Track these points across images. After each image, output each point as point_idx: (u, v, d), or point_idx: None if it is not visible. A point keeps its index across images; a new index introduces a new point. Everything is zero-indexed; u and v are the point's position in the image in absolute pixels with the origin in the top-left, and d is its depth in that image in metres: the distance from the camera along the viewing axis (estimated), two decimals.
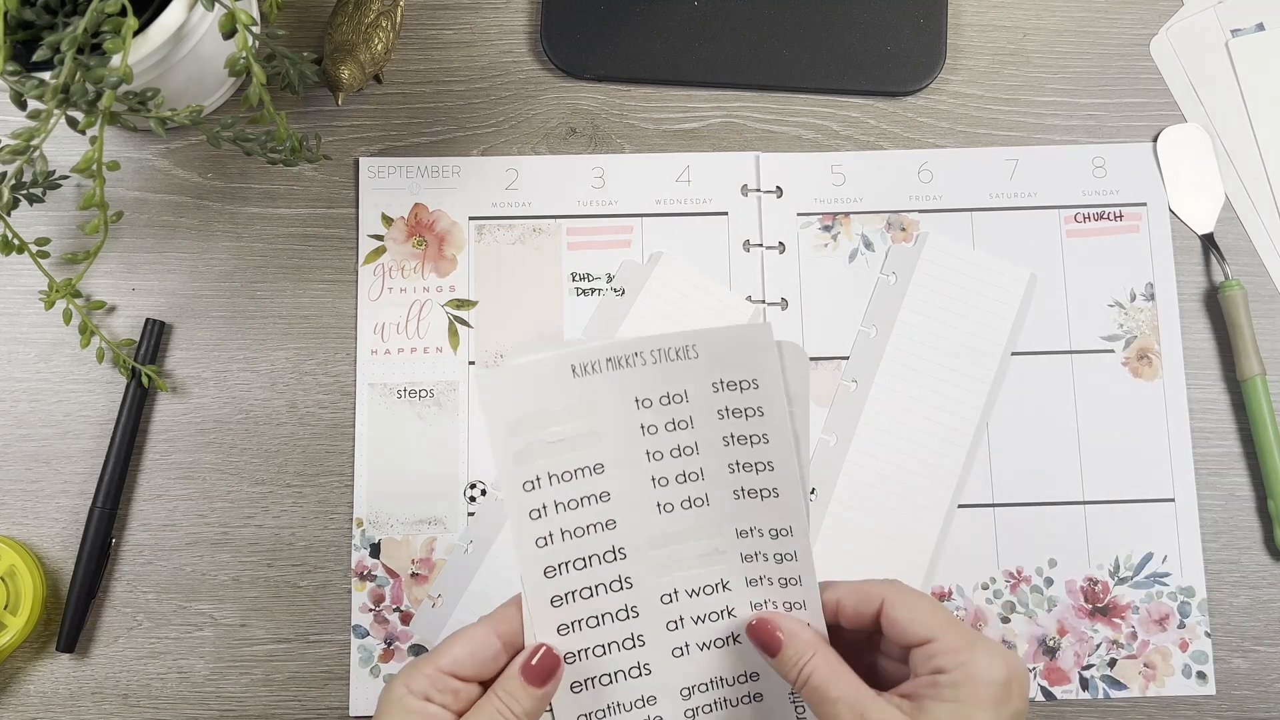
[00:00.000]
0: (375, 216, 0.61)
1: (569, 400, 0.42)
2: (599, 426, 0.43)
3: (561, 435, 0.43)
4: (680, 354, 0.42)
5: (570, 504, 0.43)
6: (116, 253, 0.61)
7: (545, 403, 0.42)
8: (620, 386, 0.43)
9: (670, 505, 0.44)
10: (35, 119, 0.48)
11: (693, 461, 0.44)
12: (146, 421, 0.59)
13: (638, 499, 0.44)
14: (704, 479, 0.44)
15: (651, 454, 0.43)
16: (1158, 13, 0.64)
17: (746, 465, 0.43)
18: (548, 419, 0.43)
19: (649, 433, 0.43)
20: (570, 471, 0.43)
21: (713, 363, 0.42)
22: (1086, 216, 0.62)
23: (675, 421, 0.43)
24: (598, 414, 0.43)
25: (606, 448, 0.43)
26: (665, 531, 0.44)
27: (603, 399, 0.43)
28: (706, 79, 0.63)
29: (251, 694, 0.58)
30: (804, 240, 0.62)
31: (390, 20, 0.61)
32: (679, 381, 0.43)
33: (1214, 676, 0.58)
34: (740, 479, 0.44)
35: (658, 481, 0.44)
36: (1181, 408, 0.60)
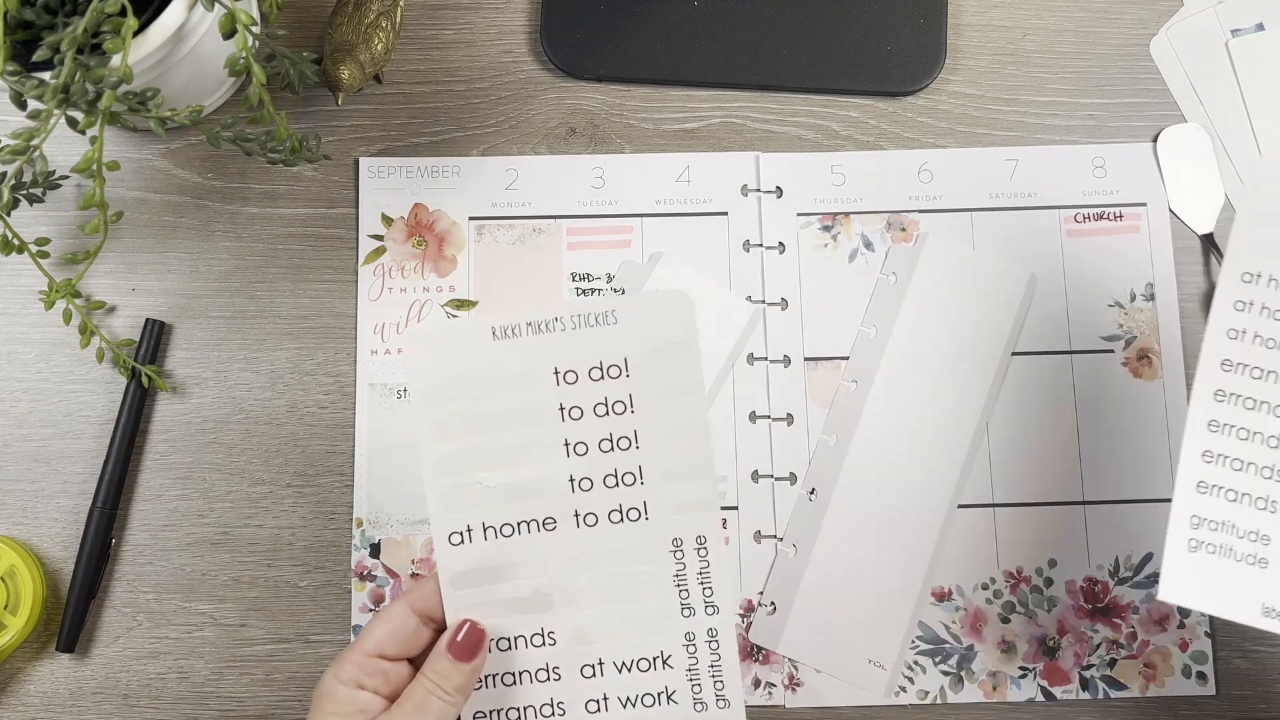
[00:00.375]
0: (375, 216, 0.61)
1: (489, 367, 0.43)
2: (518, 400, 0.43)
3: (481, 409, 0.43)
4: (600, 320, 0.43)
5: (488, 489, 0.43)
6: (116, 253, 0.61)
7: (466, 368, 0.43)
8: (542, 355, 0.43)
9: (593, 518, 0.44)
10: (35, 119, 0.48)
11: (620, 459, 0.44)
12: (146, 421, 0.59)
13: (558, 491, 0.44)
14: (632, 483, 0.44)
15: (572, 446, 0.43)
16: (1158, 13, 0.64)
17: (668, 434, 0.44)
18: (467, 386, 0.43)
19: (572, 416, 0.43)
20: (496, 456, 0.43)
21: (635, 330, 0.43)
22: (1086, 216, 0.62)
23: (605, 402, 0.43)
24: (518, 383, 0.43)
25: (526, 426, 0.43)
26: (585, 550, 0.44)
27: (524, 365, 0.43)
28: (706, 79, 0.63)
29: (251, 694, 0.58)
30: (804, 240, 0.62)
31: (390, 20, 0.61)
32: (605, 350, 0.43)
33: (1214, 676, 0.58)
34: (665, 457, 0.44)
35: (579, 483, 0.44)
36: (1181, 408, 0.60)
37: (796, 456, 0.59)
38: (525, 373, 0.43)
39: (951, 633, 0.58)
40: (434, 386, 0.43)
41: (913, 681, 0.58)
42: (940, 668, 0.58)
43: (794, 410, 0.60)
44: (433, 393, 0.43)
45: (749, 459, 0.59)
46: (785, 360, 0.60)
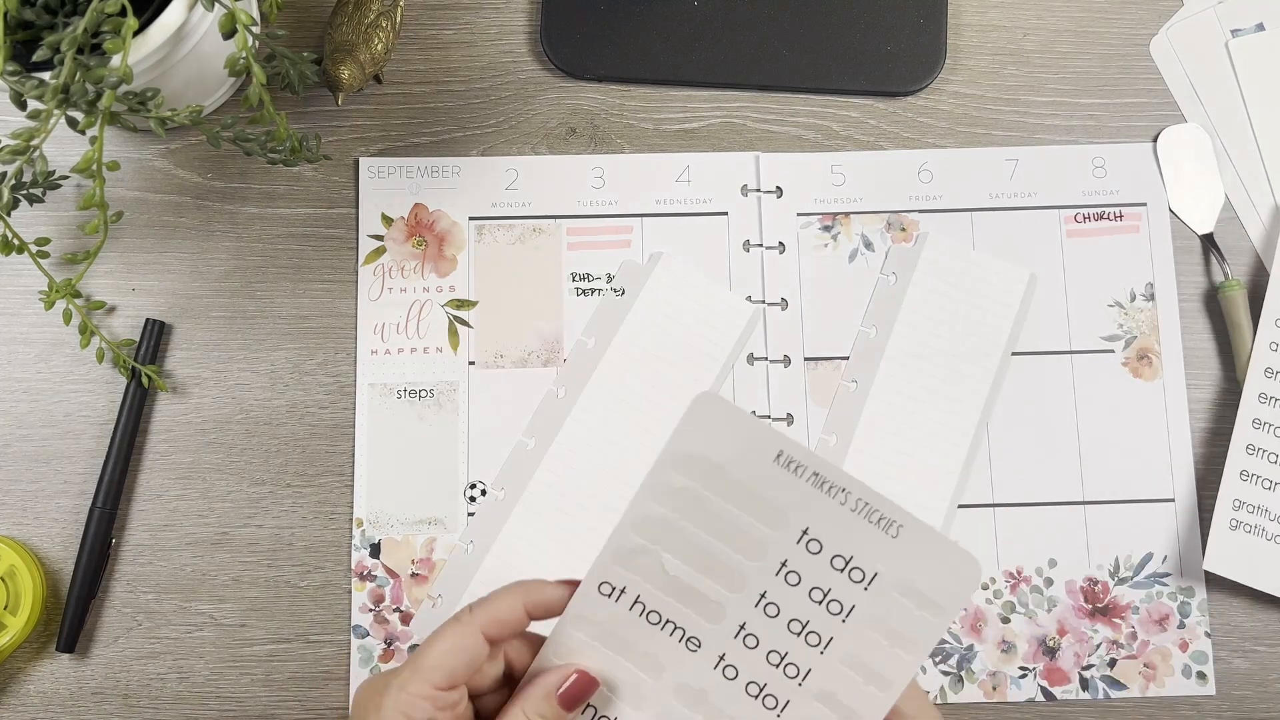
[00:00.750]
0: (375, 216, 0.61)
1: (751, 480, 0.38)
2: (753, 526, 0.38)
3: (713, 507, 0.38)
4: (883, 524, 0.37)
5: (665, 573, 0.39)
6: (116, 253, 0.61)
7: (731, 462, 0.38)
8: (801, 508, 0.38)
9: (734, 671, 0.40)
10: (35, 119, 0.48)
11: (797, 648, 0.39)
12: (146, 421, 0.59)
13: (722, 626, 0.39)
14: (793, 676, 0.39)
15: (767, 604, 0.39)
16: (1158, 13, 0.64)
17: (857, 674, 0.39)
18: (719, 479, 0.38)
19: (788, 580, 0.39)
20: (694, 555, 0.39)
21: (909, 556, 0.38)
22: (1086, 216, 0.62)
23: (825, 591, 0.39)
24: (764, 512, 0.38)
25: (740, 551, 0.39)
26: (702, 692, 0.40)
27: (782, 502, 0.38)
28: (706, 79, 0.63)
29: (251, 694, 0.58)
30: (804, 240, 0.62)
31: (390, 20, 0.61)
32: (863, 551, 0.38)
33: (1214, 676, 0.58)
34: (839, 684, 0.39)
35: (745, 637, 0.39)
36: (1181, 408, 0.60)
37: None
38: (777, 510, 0.38)
39: (951, 633, 0.58)
40: (691, 457, 0.38)
41: None
42: (940, 668, 0.58)
43: (794, 410, 0.60)
44: (686, 462, 0.38)
45: None
46: (785, 360, 0.60)
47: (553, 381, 0.60)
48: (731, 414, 0.38)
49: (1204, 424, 0.60)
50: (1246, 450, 0.58)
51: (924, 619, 0.38)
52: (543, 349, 0.60)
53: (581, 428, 0.59)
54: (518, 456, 0.59)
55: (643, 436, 0.59)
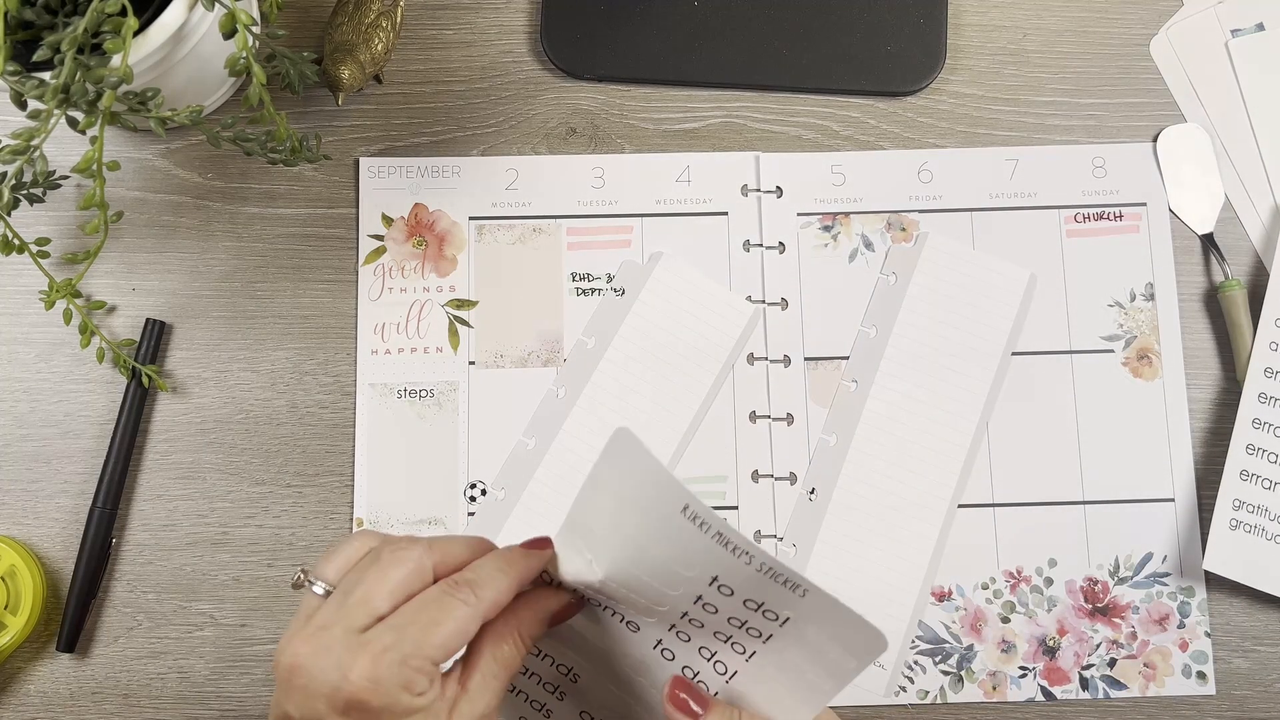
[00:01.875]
0: (375, 216, 0.61)
1: (661, 525, 0.37)
2: (666, 565, 0.38)
3: (633, 535, 0.38)
4: (788, 585, 0.37)
5: (599, 593, 0.40)
6: (116, 253, 0.61)
7: (642, 504, 0.38)
8: (709, 559, 0.38)
9: (671, 655, 0.42)
10: (35, 119, 0.48)
11: (725, 652, 0.41)
12: (146, 421, 0.59)
13: (655, 621, 0.41)
14: (725, 675, 0.41)
15: (691, 619, 0.40)
16: (1158, 13, 0.64)
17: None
18: (633, 514, 0.38)
19: (705, 609, 0.39)
20: (622, 572, 0.39)
21: (816, 614, 0.38)
22: (1086, 216, 0.62)
23: (742, 621, 0.39)
24: (678, 555, 0.38)
25: (658, 578, 0.39)
26: (644, 662, 0.42)
27: (691, 552, 0.37)
28: (706, 79, 0.63)
29: (252, 694, 0.58)
30: (804, 240, 0.62)
31: (390, 20, 0.61)
32: (774, 600, 0.38)
33: (1214, 676, 0.58)
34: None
35: (678, 633, 0.41)
36: (1181, 408, 0.60)
37: (796, 456, 0.59)
38: (686, 556, 0.38)
39: (951, 632, 0.58)
40: (607, 483, 0.38)
41: (913, 681, 0.58)
42: (940, 667, 0.58)
43: (794, 410, 0.60)
44: (607, 492, 0.38)
45: (749, 459, 0.59)
46: (785, 360, 0.60)
47: (553, 381, 0.60)
48: (644, 460, 0.37)
49: (1204, 424, 0.60)
50: (1246, 450, 0.58)
51: (838, 661, 0.39)
52: (543, 349, 0.60)
53: (581, 428, 0.59)
54: (518, 456, 0.59)
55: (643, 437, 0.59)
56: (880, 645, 0.38)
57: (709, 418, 0.60)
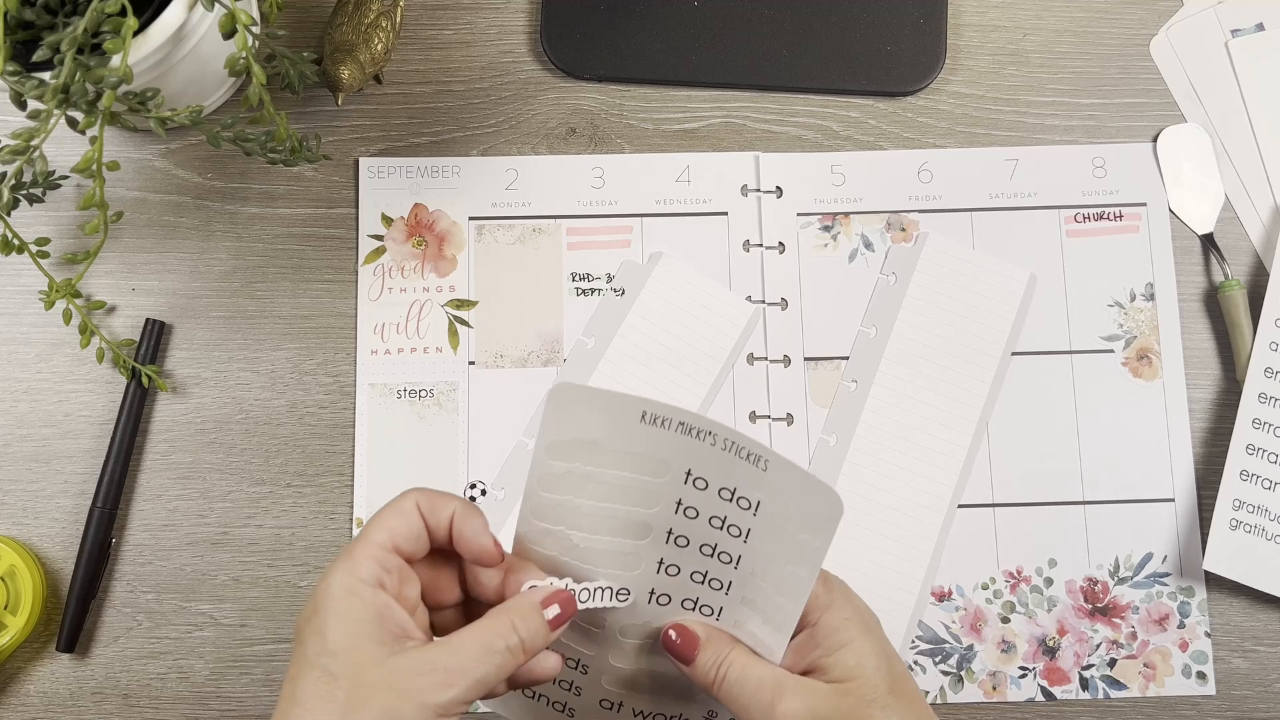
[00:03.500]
0: (375, 216, 0.61)
1: (626, 445, 0.39)
2: (640, 481, 0.40)
3: (600, 477, 0.40)
4: (751, 458, 0.39)
5: (575, 546, 0.41)
6: (116, 253, 0.61)
7: (602, 436, 0.39)
8: (679, 454, 0.39)
9: (666, 599, 0.42)
10: (35, 119, 0.48)
11: (714, 565, 0.41)
12: (146, 421, 0.59)
13: (640, 573, 0.42)
14: (718, 589, 0.42)
15: (675, 537, 0.41)
16: (1158, 13, 0.64)
17: (754, 599, 0.42)
18: (597, 454, 0.40)
19: (687, 515, 0.40)
20: (597, 523, 0.41)
21: (779, 488, 0.39)
22: (1086, 216, 0.62)
23: (722, 519, 0.40)
24: (647, 466, 0.40)
25: (636, 505, 0.40)
26: (645, 623, 0.43)
27: (660, 454, 0.39)
28: (706, 79, 0.63)
29: (251, 694, 0.58)
30: (804, 240, 0.62)
31: (390, 20, 0.61)
32: (743, 483, 0.39)
33: (1214, 676, 0.58)
34: (746, 609, 0.42)
35: (666, 568, 0.42)
36: (1181, 408, 0.60)
37: (796, 456, 0.59)
38: (658, 460, 0.39)
39: (951, 633, 0.58)
40: (563, 443, 0.40)
41: None
42: (940, 668, 0.58)
43: (794, 410, 0.60)
44: (559, 448, 0.40)
45: None
46: (785, 360, 0.60)
47: (552, 381, 0.60)
48: (590, 394, 0.39)
49: (1204, 424, 0.60)
50: (1246, 450, 0.58)
51: (806, 542, 0.40)
52: (543, 349, 0.60)
53: None
54: (518, 456, 0.59)
55: None
56: (837, 510, 0.39)
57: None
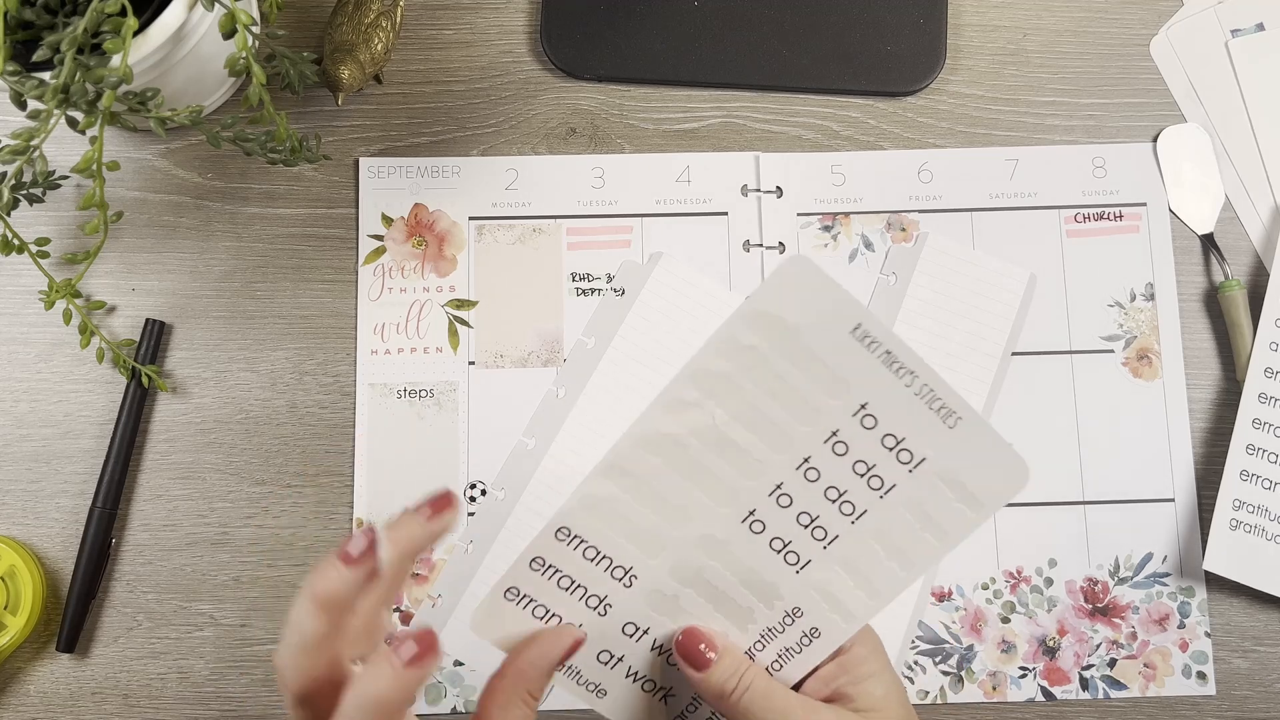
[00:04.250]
0: (375, 216, 0.61)
1: (822, 347, 0.37)
2: (812, 390, 0.38)
3: (778, 369, 0.37)
4: (942, 412, 0.37)
5: (708, 443, 0.39)
6: (116, 253, 0.61)
7: (806, 326, 0.37)
8: (866, 382, 0.37)
9: (760, 527, 0.40)
10: (35, 119, 0.48)
11: (830, 514, 0.39)
12: (146, 421, 0.59)
13: (757, 486, 0.39)
14: (820, 539, 0.40)
15: (808, 468, 0.39)
16: (1158, 13, 0.64)
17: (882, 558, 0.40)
18: (788, 343, 0.37)
19: (835, 450, 0.38)
20: (746, 413, 0.38)
21: (960, 449, 0.37)
22: (1086, 216, 0.62)
23: (869, 466, 0.39)
24: (827, 379, 0.37)
25: (793, 411, 0.38)
26: (730, 547, 0.40)
27: (848, 372, 0.37)
28: (706, 79, 0.63)
29: (252, 694, 0.58)
30: (804, 240, 0.62)
31: (390, 20, 0.61)
32: (916, 435, 0.38)
33: (1214, 676, 0.58)
34: (862, 571, 0.40)
35: (779, 496, 0.40)
36: (1181, 408, 0.60)
37: None
38: (841, 380, 0.37)
39: (951, 633, 0.58)
40: (766, 315, 0.37)
41: (913, 681, 0.58)
42: (940, 668, 0.58)
43: None
44: (760, 320, 0.37)
45: None
46: None
47: (553, 381, 0.60)
48: (819, 280, 0.36)
49: (1204, 424, 0.60)
50: (1246, 450, 0.58)
51: (962, 511, 0.38)
52: (543, 349, 0.60)
53: (581, 428, 0.59)
54: (518, 456, 0.59)
55: None
56: (1021, 479, 0.37)
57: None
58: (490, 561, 0.58)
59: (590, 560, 0.41)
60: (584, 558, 0.41)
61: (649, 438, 0.39)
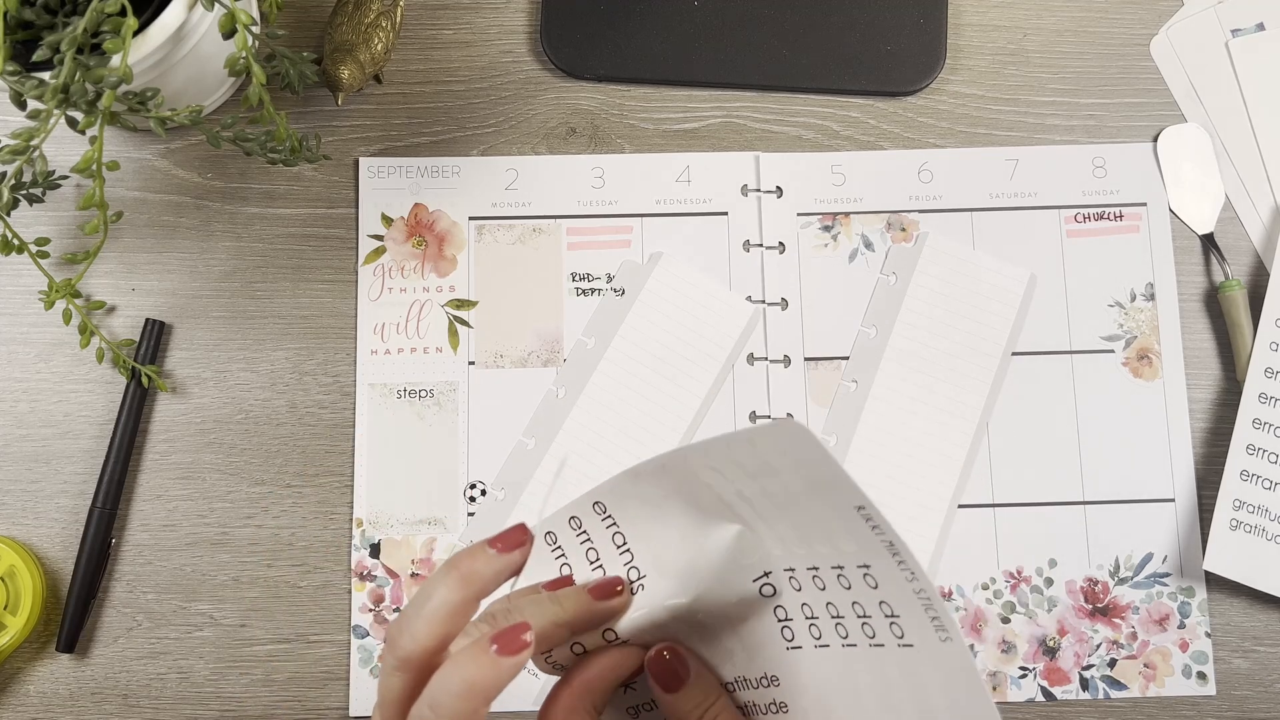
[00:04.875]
0: (375, 216, 0.61)
1: (825, 510, 0.35)
2: (827, 525, 0.36)
3: (793, 492, 0.36)
4: (935, 622, 0.35)
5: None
6: (116, 253, 0.61)
7: (800, 495, 0.36)
8: (868, 554, 0.35)
9: (771, 590, 0.38)
10: (35, 119, 0.48)
11: (826, 623, 0.38)
12: (146, 421, 0.59)
13: (771, 558, 0.38)
14: (817, 639, 0.38)
15: (815, 575, 0.37)
16: (1158, 13, 0.64)
17: None
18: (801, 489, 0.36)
19: (840, 581, 0.37)
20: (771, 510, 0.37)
21: (942, 666, 0.35)
22: (1086, 216, 0.62)
23: (863, 615, 0.37)
24: (838, 526, 0.36)
25: (810, 530, 0.37)
26: (735, 597, 0.39)
27: (854, 534, 0.35)
28: (706, 79, 0.63)
29: (251, 694, 0.58)
30: (804, 240, 0.62)
31: (390, 20, 0.61)
32: (909, 621, 0.35)
33: (1214, 676, 0.58)
34: None
35: (791, 579, 0.38)
36: (1181, 408, 0.60)
37: None
38: (853, 535, 0.35)
39: None
40: (764, 465, 0.35)
41: None
42: None
43: (794, 410, 0.60)
44: (761, 467, 0.36)
45: None
46: (785, 360, 0.60)
47: (553, 381, 0.60)
48: (816, 451, 0.34)
49: (1204, 424, 0.60)
50: (1246, 450, 0.58)
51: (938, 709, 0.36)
52: (543, 349, 0.60)
53: (581, 428, 0.59)
54: (518, 456, 0.59)
55: (642, 437, 0.59)
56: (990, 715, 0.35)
57: (709, 418, 0.60)
58: None
59: (617, 547, 0.40)
60: (612, 542, 0.40)
61: (682, 465, 0.38)
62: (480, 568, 0.38)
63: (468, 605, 0.37)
